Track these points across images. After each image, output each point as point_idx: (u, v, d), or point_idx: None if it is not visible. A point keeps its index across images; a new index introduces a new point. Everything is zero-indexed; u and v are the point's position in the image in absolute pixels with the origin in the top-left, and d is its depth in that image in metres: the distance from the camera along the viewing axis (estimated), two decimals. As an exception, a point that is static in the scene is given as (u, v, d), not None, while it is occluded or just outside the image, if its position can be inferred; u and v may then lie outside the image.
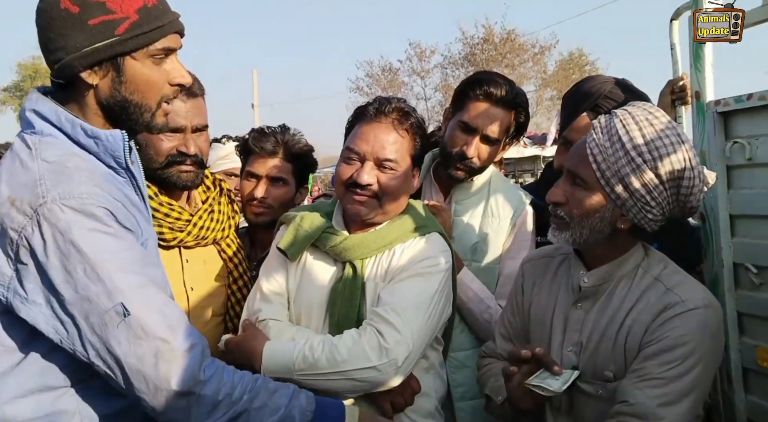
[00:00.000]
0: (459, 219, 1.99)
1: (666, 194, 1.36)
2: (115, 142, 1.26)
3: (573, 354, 1.46)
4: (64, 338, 1.15)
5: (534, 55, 24.32)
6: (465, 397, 1.92)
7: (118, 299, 1.12)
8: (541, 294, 1.60)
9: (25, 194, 1.14)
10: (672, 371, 1.32)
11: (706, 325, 1.35)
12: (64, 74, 1.23)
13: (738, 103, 1.76)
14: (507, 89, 1.90)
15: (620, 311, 1.42)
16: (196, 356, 1.16)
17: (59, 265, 1.12)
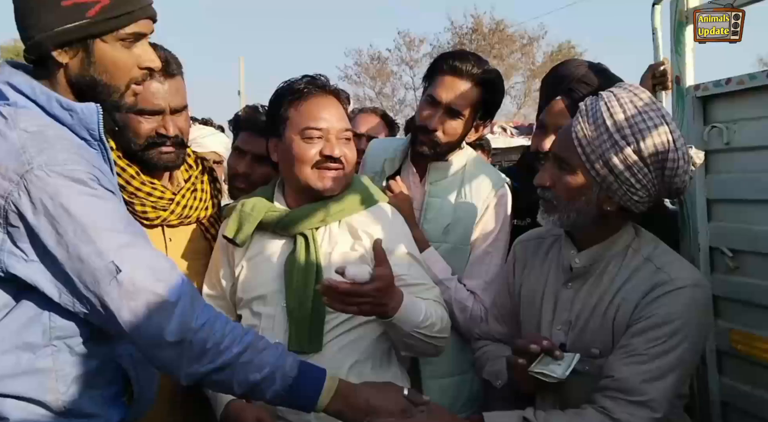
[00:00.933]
0: (433, 200, 1.98)
1: (651, 175, 1.36)
2: (90, 114, 1.29)
3: (562, 332, 1.47)
4: (63, 294, 1.20)
5: (522, 47, 24.37)
6: (434, 375, 1.92)
7: (110, 258, 1.17)
8: (531, 275, 1.61)
9: (9, 162, 1.17)
10: (657, 348, 1.34)
11: (694, 303, 1.37)
12: (37, 52, 1.27)
13: (717, 88, 1.77)
14: (474, 64, 1.89)
15: (610, 290, 1.43)
16: (187, 305, 1.21)
17: (50, 228, 1.17)
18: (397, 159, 2.05)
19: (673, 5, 1.88)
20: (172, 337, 1.19)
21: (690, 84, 1.85)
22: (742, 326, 1.75)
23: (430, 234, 1.94)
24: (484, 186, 1.98)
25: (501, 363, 1.56)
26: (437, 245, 1.93)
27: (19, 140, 1.20)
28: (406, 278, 1.63)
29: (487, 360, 1.64)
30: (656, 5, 2.00)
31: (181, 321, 1.20)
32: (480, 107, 1.94)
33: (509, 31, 24.43)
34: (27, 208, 1.16)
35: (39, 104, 1.27)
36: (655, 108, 1.37)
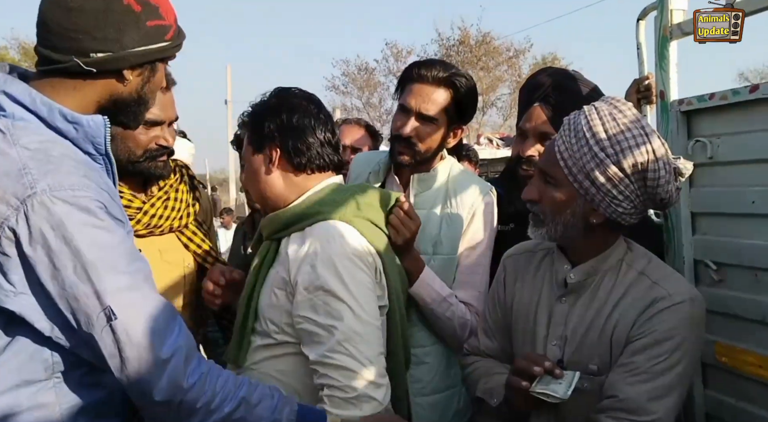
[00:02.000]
0: (419, 212, 1.94)
1: (633, 187, 1.37)
2: (96, 127, 1.23)
3: (557, 347, 1.47)
4: (55, 329, 1.13)
5: (509, 59, 24.54)
6: (423, 392, 1.91)
7: (107, 302, 1.10)
8: (523, 289, 1.60)
9: (8, 184, 1.09)
10: (660, 365, 1.34)
11: (692, 318, 1.38)
12: (104, 66, 1.21)
13: (701, 103, 1.79)
14: (440, 69, 1.90)
15: (606, 305, 1.44)
16: (180, 363, 1.16)
17: (47, 260, 1.08)
18: (381, 172, 2.05)
19: (657, 21, 1.90)
20: (161, 396, 1.15)
21: (674, 99, 1.87)
22: (727, 339, 1.76)
23: (419, 247, 1.92)
24: (470, 195, 1.98)
25: (495, 381, 1.55)
26: (427, 258, 1.92)
27: (19, 158, 1.11)
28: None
29: (480, 376, 1.63)
30: (640, 21, 2.03)
31: (172, 380, 1.15)
32: (452, 110, 1.93)
33: (496, 44, 24.62)
34: (24, 236, 1.08)
35: (39, 116, 1.19)
36: (635, 120, 1.38)
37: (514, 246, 1.73)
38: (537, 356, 1.41)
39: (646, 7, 1.99)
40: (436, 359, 1.94)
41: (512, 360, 1.60)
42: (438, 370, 1.94)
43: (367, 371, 1.43)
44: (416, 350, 1.92)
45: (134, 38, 1.22)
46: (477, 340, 1.72)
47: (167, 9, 1.27)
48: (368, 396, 1.42)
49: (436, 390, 1.93)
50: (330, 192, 1.64)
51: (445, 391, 1.95)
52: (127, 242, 1.19)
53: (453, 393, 1.97)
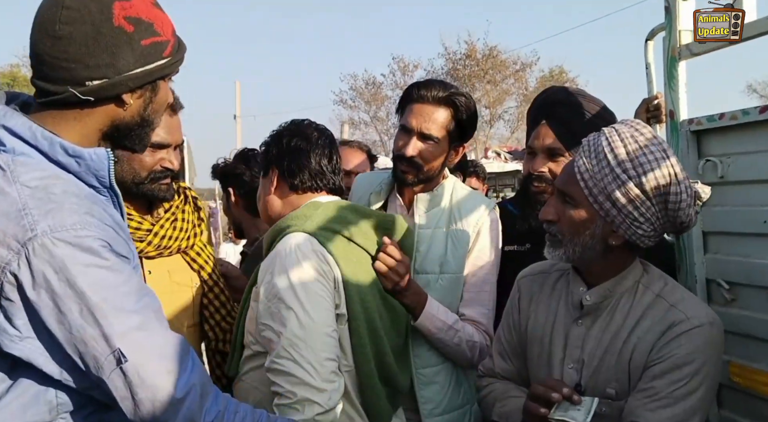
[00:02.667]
0: (424, 231, 1.98)
1: (654, 209, 1.37)
2: (99, 161, 1.17)
3: (574, 371, 1.46)
4: (64, 372, 1.10)
5: (516, 72, 24.66)
6: (433, 413, 1.91)
7: (116, 345, 1.06)
8: (538, 311, 1.59)
9: (8, 226, 1.04)
10: (681, 389, 1.32)
11: (711, 342, 1.37)
12: (102, 94, 1.15)
13: (710, 123, 1.80)
14: (440, 88, 1.93)
15: (623, 328, 1.42)
16: (194, 400, 1.13)
17: (52, 305, 1.04)
18: (383, 192, 2.07)
19: (666, 41, 1.91)
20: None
21: (684, 118, 1.88)
22: (740, 358, 1.75)
23: (426, 267, 1.94)
24: (474, 213, 2.00)
25: (511, 404, 1.54)
26: (435, 277, 1.93)
27: (20, 197, 1.06)
28: None
29: (495, 399, 1.62)
30: (649, 41, 2.05)
31: (188, 419, 1.12)
32: (453, 129, 1.96)
33: (502, 57, 24.73)
34: (27, 281, 1.03)
35: (40, 150, 1.13)
36: (656, 143, 1.38)
37: (529, 267, 1.73)
38: (555, 382, 1.40)
39: (654, 28, 2.01)
40: (446, 378, 1.95)
41: (528, 382, 1.60)
42: (448, 390, 1.95)
43: (309, 376, 1.46)
44: (425, 370, 1.92)
45: (129, 61, 1.14)
46: (491, 362, 1.71)
47: (162, 22, 1.19)
48: (309, 400, 1.46)
49: (447, 409, 1.93)
50: (306, 208, 1.71)
51: (457, 410, 1.95)
52: (134, 279, 1.14)
53: (464, 411, 1.97)
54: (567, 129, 2.01)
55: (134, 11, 1.14)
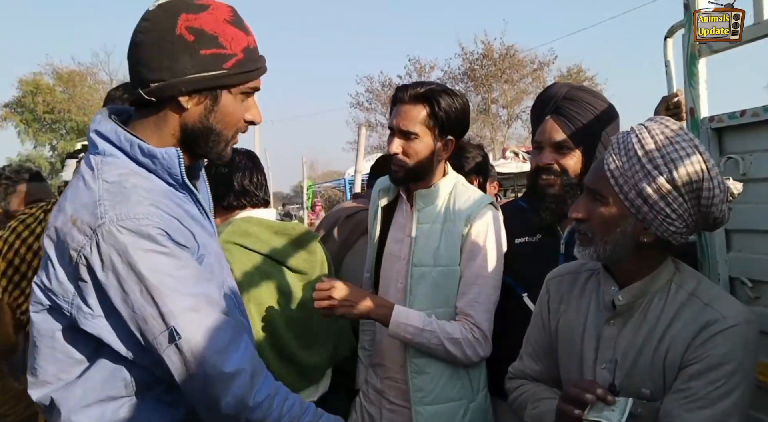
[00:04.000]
0: (422, 226, 2.05)
1: (687, 205, 1.35)
2: (170, 160, 1.29)
3: (607, 371, 1.45)
4: (129, 349, 1.21)
5: (533, 71, 24.52)
6: (423, 402, 1.97)
7: (171, 323, 1.17)
8: (569, 311, 1.58)
9: (85, 215, 1.18)
10: (719, 390, 1.31)
11: (747, 341, 1.35)
12: (161, 94, 1.27)
13: (732, 120, 1.78)
14: (418, 87, 2.01)
15: (657, 327, 1.41)
16: (245, 380, 1.21)
17: (117, 284, 1.16)
18: (391, 191, 2.17)
19: (686, 39, 1.90)
20: (227, 410, 1.20)
21: (704, 116, 1.87)
22: (766, 357, 1.73)
23: (422, 260, 2.01)
24: (467, 207, 2.05)
25: (543, 406, 1.54)
26: (429, 270, 1.99)
27: (98, 191, 1.21)
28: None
29: (527, 400, 1.61)
30: (668, 39, 2.04)
31: (238, 396, 1.20)
32: (432, 123, 2.00)
33: (520, 57, 24.61)
34: (96, 263, 1.16)
35: (124, 151, 1.28)
36: (687, 138, 1.37)
37: (558, 268, 1.72)
38: (589, 383, 1.38)
39: (673, 25, 2.00)
40: (437, 369, 2.00)
41: (558, 382, 1.59)
42: (440, 381, 1.99)
43: None
44: (417, 360, 2.00)
45: (186, 66, 1.25)
46: (522, 363, 1.71)
47: (232, 39, 1.29)
48: None
49: (436, 400, 1.98)
50: (223, 224, 2.08)
51: (446, 403, 1.99)
52: (191, 266, 1.24)
53: (457, 406, 2.00)
54: (573, 124, 2.05)
55: (198, 23, 1.26)
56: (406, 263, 2.05)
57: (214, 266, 1.36)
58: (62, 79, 26.53)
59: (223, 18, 1.28)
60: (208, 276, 1.28)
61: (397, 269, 2.08)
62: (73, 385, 1.23)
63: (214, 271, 1.34)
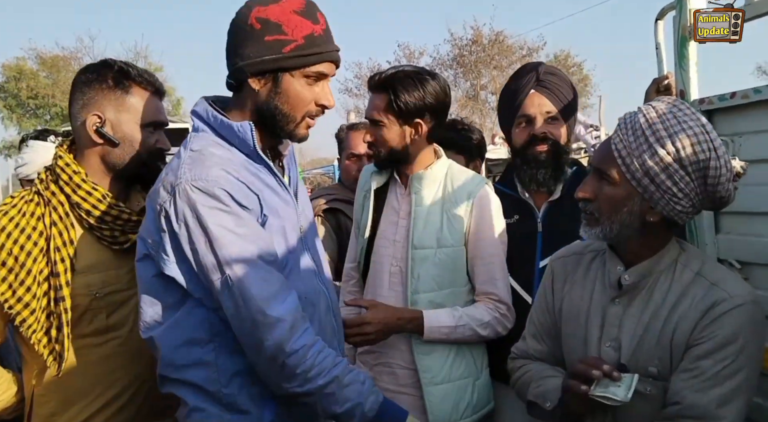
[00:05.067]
0: (419, 208, 2.05)
1: (693, 184, 1.35)
2: (244, 132, 1.43)
3: (612, 349, 1.45)
4: (197, 293, 1.38)
5: (522, 57, 24.44)
6: (433, 382, 1.99)
7: (226, 271, 1.32)
8: (573, 291, 1.59)
9: (170, 176, 1.37)
10: (727, 369, 1.32)
11: (754, 320, 1.35)
12: (235, 77, 1.45)
13: (722, 102, 1.79)
14: (381, 75, 2.03)
15: (663, 307, 1.41)
16: (285, 328, 1.33)
17: (186, 235, 1.34)
18: (384, 173, 2.16)
19: (676, 21, 1.90)
20: (267, 353, 1.33)
21: (695, 98, 1.87)
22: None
23: (424, 242, 2.01)
24: (466, 188, 2.06)
25: (548, 384, 1.54)
26: (432, 252, 2.00)
27: (184, 158, 1.40)
28: None
29: (531, 379, 1.62)
30: (659, 21, 2.04)
31: (278, 342, 1.33)
32: (395, 108, 1.98)
33: (509, 42, 24.55)
34: (173, 216, 1.34)
35: (211, 126, 1.46)
36: (694, 117, 1.36)
37: (562, 249, 1.72)
38: (595, 359, 1.39)
39: (664, 8, 2.00)
40: (445, 348, 2.01)
41: (562, 362, 1.60)
42: (448, 360, 2.01)
43: None
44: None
45: (252, 51, 1.40)
46: (525, 344, 1.72)
47: (295, 27, 1.41)
48: None
49: (446, 379, 2.00)
50: None
51: (456, 381, 2.01)
52: (250, 225, 1.38)
53: (465, 383, 2.02)
54: (558, 97, 2.13)
55: (266, 14, 1.41)
56: (403, 246, 2.05)
57: (284, 231, 1.47)
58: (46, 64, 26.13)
59: (291, 9, 1.42)
60: (267, 237, 1.41)
61: (391, 252, 2.07)
62: (169, 328, 1.41)
63: (278, 234, 1.45)
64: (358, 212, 2.22)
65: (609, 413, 1.43)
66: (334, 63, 1.49)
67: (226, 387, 1.41)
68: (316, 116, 1.51)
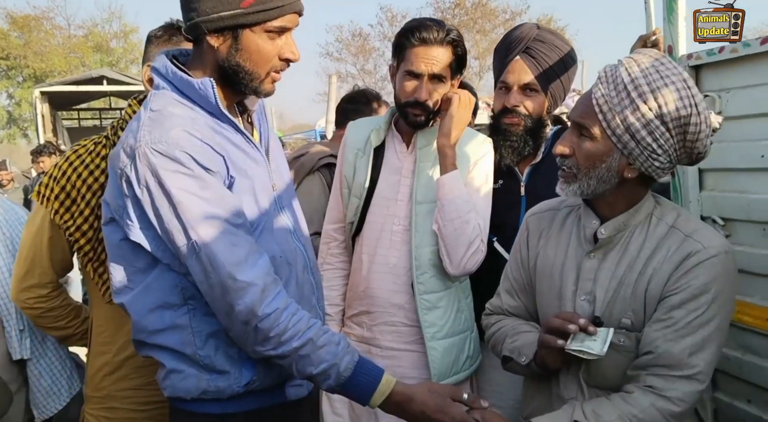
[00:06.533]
0: (424, 164, 2.02)
1: (673, 140, 1.33)
2: (206, 89, 1.36)
3: (587, 302, 1.46)
4: (165, 259, 1.34)
5: (505, 21, 24.21)
6: (436, 337, 1.99)
7: (192, 237, 1.28)
8: (548, 246, 1.58)
9: (130, 139, 1.31)
10: (699, 318, 1.33)
11: (727, 270, 1.36)
12: (194, 33, 1.38)
13: (710, 57, 1.76)
14: (438, 29, 1.95)
15: (638, 259, 1.41)
16: (257, 292, 1.30)
17: (149, 200, 1.29)
18: (381, 130, 2.09)
19: (665, -27, 1.86)
20: (239, 317, 1.30)
21: (683, 53, 1.85)
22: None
23: (426, 196, 2.00)
24: (471, 145, 2.05)
25: (523, 339, 1.55)
26: (434, 206, 1.98)
27: (143, 118, 1.33)
28: None
29: (506, 335, 1.62)
30: (648, -27, 1.99)
31: (249, 306, 1.30)
32: (455, 65, 1.99)
33: (492, 6, 24.27)
34: (134, 180, 1.29)
35: (172, 83, 1.39)
36: (676, 72, 1.33)
37: (537, 205, 1.70)
38: (571, 314, 1.39)
39: (654, -40, 1.96)
40: (448, 303, 2.02)
41: (536, 318, 1.60)
42: (450, 315, 2.02)
43: None
44: (429, 296, 2.00)
45: (208, 5, 1.33)
46: (499, 299, 1.72)
47: None
48: None
49: (449, 334, 2.00)
50: None
51: (458, 335, 2.03)
52: (215, 188, 1.33)
53: (465, 337, 2.05)
54: (541, 66, 2.04)
55: None
56: (406, 203, 2.02)
57: (254, 191, 1.43)
58: (17, 23, 25.32)
59: None
60: (234, 199, 1.36)
61: (392, 211, 2.04)
62: (140, 293, 1.38)
63: (247, 194, 1.41)
64: (349, 170, 2.13)
65: (584, 366, 1.45)
66: (297, 13, 1.41)
67: (201, 349, 1.39)
68: (282, 70, 1.44)
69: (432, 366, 1.97)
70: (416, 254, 1.98)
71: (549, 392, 1.52)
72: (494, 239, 2.06)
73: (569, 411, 1.37)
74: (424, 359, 1.99)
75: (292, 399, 1.50)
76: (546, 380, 1.52)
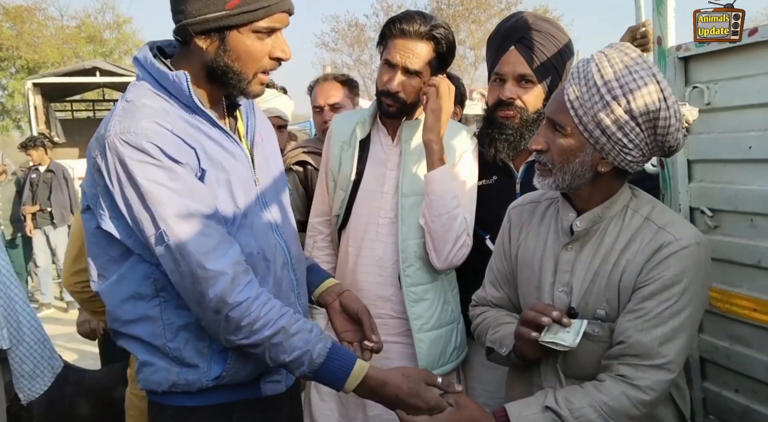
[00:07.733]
0: (409, 157, 2.03)
1: (643, 135, 1.36)
2: (179, 81, 1.36)
3: (564, 294, 1.48)
4: (137, 249, 1.35)
5: (500, 11, 24.12)
6: (423, 329, 2.01)
7: (161, 227, 1.29)
8: (528, 238, 1.61)
9: (102, 129, 1.33)
10: (670, 309, 1.36)
11: (698, 261, 1.39)
12: (182, 35, 1.38)
13: (699, 48, 1.76)
14: (420, 23, 1.94)
15: (613, 251, 1.44)
16: (227, 281, 1.31)
17: (119, 190, 1.30)
18: (367, 123, 2.10)
19: (655, -36, 1.86)
20: (210, 306, 1.31)
21: (672, 45, 1.85)
22: (722, 284, 1.78)
23: (412, 188, 2.00)
24: (456, 139, 2.06)
25: (504, 330, 1.58)
26: (420, 199, 1.98)
27: (118, 109, 1.35)
28: None
29: (488, 326, 1.65)
30: (638, -36, 1.99)
31: (219, 295, 1.30)
32: (435, 62, 1.98)
33: (487, -4, 24.15)
34: (104, 170, 1.30)
35: (152, 75, 1.39)
36: (645, 67, 1.35)
37: (519, 198, 1.72)
38: (545, 306, 1.42)
39: (643, -49, 1.95)
40: (435, 295, 2.03)
41: (519, 308, 1.63)
42: (437, 307, 2.03)
43: None
44: (416, 288, 2.01)
45: (194, 7, 1.33)
46: (484, 291, 1.74)
47: None
48: None
49: (436, 325, 2.02)
50: None
51: (445, 326, 2.05)
52: (185, 179, 1.33)
53: (451, 328, 2.06)
54: (537, 56, 1.99)
55: None
56: (392, 195, 2.03)
57: (229, 184, 1.42)
58: (9, 14, 25.12)
59: None
60: (204, 191, 1.36)
61: (378, 204, 2.04)
62: (114, 283, 1.40)
63: (222, 187, 1.40)
64: (334, 163, 2.13)
65: (561, 356, 1.48)
66: (286, 12, 1.39)
67: (171, 341, 1.40)
68: (272, 70, 1.44)
69: (419, 358, 1.99)
70: (403, 247, 1.99)
71: (530, 382, 1.55)
72: (487, 237, 2.04)
73: (542, 398, 1.41)
74: (411, 350, 2.01)
75: (268, 395, 1.51)
76: (527, 370, 1.55)
